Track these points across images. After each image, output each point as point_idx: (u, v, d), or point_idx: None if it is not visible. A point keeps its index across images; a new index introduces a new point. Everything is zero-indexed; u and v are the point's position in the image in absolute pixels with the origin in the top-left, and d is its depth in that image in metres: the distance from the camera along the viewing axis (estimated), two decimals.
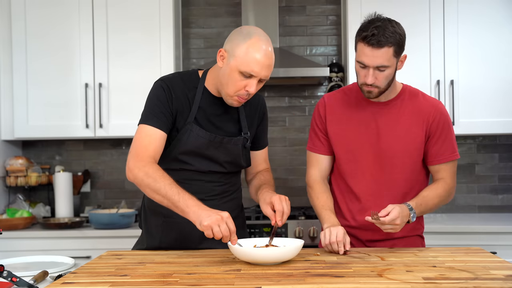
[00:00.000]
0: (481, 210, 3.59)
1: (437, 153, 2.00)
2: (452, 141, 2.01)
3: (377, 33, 1.83)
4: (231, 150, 1.95)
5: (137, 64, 3.29)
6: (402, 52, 1.91)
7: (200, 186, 1.94)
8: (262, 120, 2.07)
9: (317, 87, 3.67)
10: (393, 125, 1.98)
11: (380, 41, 1.83)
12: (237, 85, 1.79)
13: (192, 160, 1.92)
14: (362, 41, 1.86)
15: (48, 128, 3.31)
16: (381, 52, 1.84)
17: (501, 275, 1.47)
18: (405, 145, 1.98)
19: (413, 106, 1.99)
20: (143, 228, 2.07)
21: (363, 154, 2.00)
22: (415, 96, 2.02)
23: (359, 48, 1.88)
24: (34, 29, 3.30)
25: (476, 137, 3.60)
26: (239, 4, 3.61)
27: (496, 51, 3.22)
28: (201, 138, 1.89)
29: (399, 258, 1.73)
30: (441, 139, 1.98)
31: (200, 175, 1.95)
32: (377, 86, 1.90)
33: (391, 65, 1.87)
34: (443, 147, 1.99)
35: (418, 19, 3.24)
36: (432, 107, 2.00)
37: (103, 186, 3.70)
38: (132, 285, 1.43)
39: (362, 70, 1.90)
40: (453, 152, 2.01)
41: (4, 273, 1.54)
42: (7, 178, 3.40)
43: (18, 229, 3.10)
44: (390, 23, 1.87)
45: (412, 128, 1.98)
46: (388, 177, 1.99)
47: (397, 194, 2.00)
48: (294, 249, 1.64)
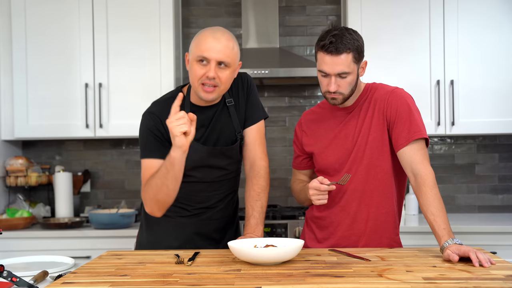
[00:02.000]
0: (481, 210, 3.59)
1: (396, 139, 1.92)
2: (413, 122, 1.90)
3: (335, 40, 1.86)
4: (231, 155, 2.00)
5: (137, 64, 3.29)
6: (362, 58, 1.94)
7: (204, 197, 2.01)
8: (249, 96, 2.06)
9: (317, 87, 3.67)
10: (360, 126, 1.99)
11: (338, 48, 1.86)
12: (197, 74, 1.85)
13: (195, 172, 1.96)
14: (321, 49, 1.90)
15: (48, 128, 3.31)
16: (341, 59, 1.87)
17: (501, 275, 1.47)
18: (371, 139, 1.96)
19: (374, 100, 1.99)
20: (144, 226, 2.09)
21: (340, 163, 2.01)
22: (375, 90, 2.02)
23: (319, 57, 1.92)
24: (34, 29, 3.30)
25: (476, 137, 3.60)
26: (239, 4, 3.61)
27: (496, 51, 3.22)
28: (200, 152, 1.93)
29: (399, 258, 1.73)
30: (401, 121, 1.92)
31: (204, 185, 2.00)
32: (340, 93, 1.93)
33: (351, 71, 1.90)
34: (405, 129, 1.90)
35: (418, 19, 3.24)
36: (387, 94, 1.97)
37: (103, 186, 3.70)
38: (132, 285, 1.43)
39: (324, 79, 1.93)
40: (410, 133, 1.88)
41: (4, 273, 1.54)
42: (7, 178, 3.40)
43: (18, 229, 3.10)
44: (347, 31, 1.91)
45: (373, 120, 1.97)
46: (371, 178, 1.98)
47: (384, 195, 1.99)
48: (294, 249, 1.64)
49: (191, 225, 2.03)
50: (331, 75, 1.90)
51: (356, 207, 2.00)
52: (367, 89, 2.04)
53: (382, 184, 1.99)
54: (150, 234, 2.07)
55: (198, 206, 2.02)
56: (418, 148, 1.89)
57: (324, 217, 2.06)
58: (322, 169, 2.08)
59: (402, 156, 1.91)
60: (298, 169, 2.23)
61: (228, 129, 2.00)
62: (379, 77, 3.16)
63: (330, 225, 2.05)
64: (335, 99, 1.95)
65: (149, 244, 2.06)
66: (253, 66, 3.21)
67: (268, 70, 3.18)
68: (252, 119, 2.04)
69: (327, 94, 1.95)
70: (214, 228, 2.06)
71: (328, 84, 1.91)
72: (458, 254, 1.63)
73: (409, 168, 1.90)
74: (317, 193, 1.95)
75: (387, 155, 1.97)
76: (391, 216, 2.01)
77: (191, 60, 1.87)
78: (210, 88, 1.85)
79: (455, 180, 3.60)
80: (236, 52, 1.88)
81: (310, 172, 2.22)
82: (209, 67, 1.83)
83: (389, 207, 2.00)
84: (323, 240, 2.06)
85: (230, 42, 1.86)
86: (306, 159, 2.18)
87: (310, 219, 2.14)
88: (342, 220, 2.02)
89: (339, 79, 1.90)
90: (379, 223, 2.00)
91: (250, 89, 2.06)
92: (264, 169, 2.04)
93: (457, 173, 3.61)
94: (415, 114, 1.94)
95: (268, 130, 3.66)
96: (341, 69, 1.88)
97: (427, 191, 1.82)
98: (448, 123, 3.23)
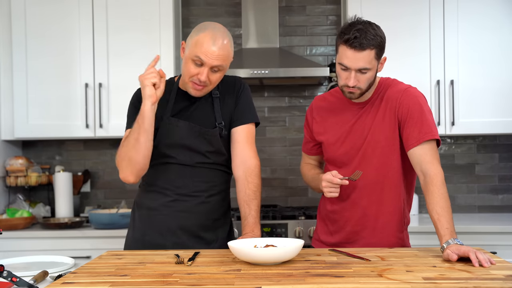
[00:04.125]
0: (481, 210, 3.59)
1: (406, 138, 1.93)
2: (425, 123, 1.91)
3: (359, 35, 1.85)
4: (211, 141, 2.02)
5: (137, 64, 3.27)
6: (382, 54, 1.94)
7: (186, 182, 2.02)
8: (240, 98, 2.08)
9: (317, 87, 3.67)
10: (371, 122, 2.00)
11: (362, 44, 1.85)
12: (190, 72, 1.93)
13: (176, 153, 2.01)
14: (344, 43, 1.88)
15: (48, 128, 3.31)
16: (363, 55, 1.86)
17: (501, 275, 1.47)
18: (382, 138, 1.98)
19: (386, 97, 2.00)
20: (131, 225, 2.12)
21: (349, 157, 2.03)
22: (388, 87, 2.02)
23: (341, 51, 1.90)
24: (34, 30, 3.30)
25: (476, 137, 3.60)
26: (239, 4, 3.61)
27: (496, 51, 3.22)
28: (180, 128, 1.99)
29: (399, 258, 1.73)
30: (411, 123, 1.92)
31: (185, 169, 2.01)
32: (359, 87, 1.93)
33: (372, 68, 1.90)
34: (414, 131, 1.91)
35: (418, 19, 3.24)
36: (399, 92, 1.98)
37: (103, 186, 3.70)
38: (132, 285, 1.43)
39: (343, 72, 1.92)
40: (422, 134, 1.89)
41: (4, 273, 1.54)
42: (7, 178, 3.40)
43: (18, 229, 3.10)
44: (371, 26, 1.89)
45: (385, 118, 1.98)
46: (381, 176, 2.00)
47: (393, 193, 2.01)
48: (294, 249, 1.64)
49: (173, 218, 2.00)
50: (352, 69, 1.89)
51: (366, 203, 2.02)
52: (381, 84, 2.04)
53: (391, 183, 2.00)
54: (135, 231, 2.08)
55: (179, 192, 2.01)
56: (429, 148, 1.90)
57: (335, 211, 2.09)
58: (330, 160, 2.10)
59: (413, 155, 1.92)
60: (308, 155, 2.25)
61: (210, 117, 2.04)
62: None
63: (340, 219, 2.07)
64: (352, 93, 1.94)
65: (134, 241, 2.06)
66: (253, 66, 3.21)
67: (268, 70, 3.18)
68: (242, 120, 2.07)
69: (344, 87, 1.94)
70: (199, 224, 2.03)
71: (347, 78, 1.91)
72: (458, 254, 1.63)
73: (418, 167, 1.91)
74: (330, 185, 1.96)
75: (397, 154, 1.99)
76: (398, 214, 2.03)
77: (187, 56, 1.93)
78: (199, 87, 1.95)
79: (455, 180, 3.60)
80: (231, 54, 1.96)
81: (319, 157, 2.24)
82: (202, 71, 1.91)
83: (397, 205, 2.02)
84: (334, 232, 2.10)
85: (227, 47, 1.92)
86: (316, 146, 2.19)
87: (323, 211, 2.16)
88: (352, 215, 2.04)
89: (359, 74, 1.89)
90: (388, 220, 2.02)
91: (241, 92, 2.08)
92: (258, 168, 2.05)
93: (457, 173, 3.61)
94: (427, 114, 1.94)
95: (268, 130, 3.66)
96: (363, 65, 1.87)
97: (434, 190, 1.82)
98: (448, 123, 3.23)
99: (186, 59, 1.93)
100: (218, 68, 1.92)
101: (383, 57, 1.96)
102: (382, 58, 1.96)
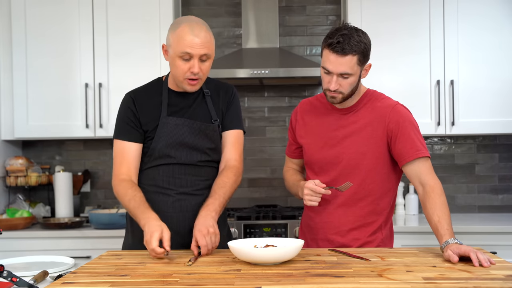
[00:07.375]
0: (481, 210, 3.59)
1: (400, 152, 1.95)
2: (413, 140, 1.94)
3: (342, 41, 1.86)
4: (212, 136, 2.03)
5: (137, 64, 3.29)
6: (366, 61, 1.94)
7: (186, 181, 2.02)
8: (231, 105, 2.10)
9: (317, 87, 3.67)
10: (353, 130, 2.00)
11: (345, 49, 1.86)
12: (182, 70, 1.93)
13: (176, 153, 2.00)
14: (328, 47, 1.90)
15: (48, 128, 3.31)
16: (345, 60, 1.87)
17: (501, 275, 1.47)
18: (366, 149, 1.98)
19: (373, 109, 2.01)
20: (128, 224, 2.12)
21: (327, 163, 2.03)
22: (375, 100, 2.03)
23: (324, 54, 1.92)
24: (34, 30, 3.30)
25: (476, 137, 3.60)
26: (239, 4, 3.61)
27: (496, 51, 3.22)
28: (180, 126, 1.99)
29: (399, 258, 1.73)
30: (403, 138, 1.95)
31: (186, 168, 2.01)
32: (340, 92, 1.94)
33: (354, 73, 1.91)
34: (406, 146, 1.94)
35: (418, 19, 3.24)
36: (389, 107, 1.99)
37: (103, 186, 3.70)
38: (132, 285, 1.43)
39: (326, 76, 1.94)
40: (417, 151, 1.93)
41: (4, 273, 1.54)
42: (7, 178, 3.40)
43: (18, 229, 3.10)
44: (356, 32, 1.90)
45: (371, 131, 1.99)
46: (362, 188, 2.00)
47: (369, 200, 2.01)
48: (294, 249, 1.65)
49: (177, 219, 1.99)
50: (334, 73, 1.90)
51: (343, 214, 2.02)
52: (367, 94, 2.05)
53: (372, 194, 2.01)
54: (134, 234, 2.06)
55: (181, 191, 2.01)
56: (425, 161, 1.94)
57: (312, 217, 2.10)
58: (308, 164, 2.12)
59: (409, 169, 1.95)
60: (290, 158, 2.27)
61: (206, 114, 2.05)
62: (379, 77, 3.17)
63: (315, 226, 2.08)
64: (334, 97, 1.96)
65: (134, 246, 2.04)
66: (253, 66, 3.21)
67: (268, 70, 3.18)
68: (232, 125, 2.09)
69: (327, 91, 1.96)
70: None
71: (329, 82, 1.92)
72: (458, 253, 1.64)
73: (417, 179, 1.93)
74: (311, 194, 1.96)
75: (380, 167, 2.00)
76: (376, 225, 2.03)
77: (172, 56, 1.93)
78: (194, 81, 1.95)
79: (455, 180, 3.60)
80: (213, 41, 1.97)
81: (301, 162, 2.24)
82: (193, 63, 1.91)
83: (378, 217, 2.03)
84: (310, 240, 2.11)
85: (208, 34, 1.93)
86: (298, 149, 2.20)
87: (304, 217, 2.18)
88: (328, 224, 2.04)
89: (341, 78, 1.91)
90: (365, 233, 2.01)
91: (233, 99, 2.11)
92: (236, 169, 2.04)
93: (457, 173, 3.61)
94: (418, 133, 1.98)
95: (268, 130, 3.66)
96: (344, 70, 1.89)
97: (435, 197, 1.85)
98: (448, 123, 3.23)
99: (173, 59, 1.93)
100: (206, 57, 1.93)
101: (368, 64, 1.97)
102: (367, 64, 1.96)
